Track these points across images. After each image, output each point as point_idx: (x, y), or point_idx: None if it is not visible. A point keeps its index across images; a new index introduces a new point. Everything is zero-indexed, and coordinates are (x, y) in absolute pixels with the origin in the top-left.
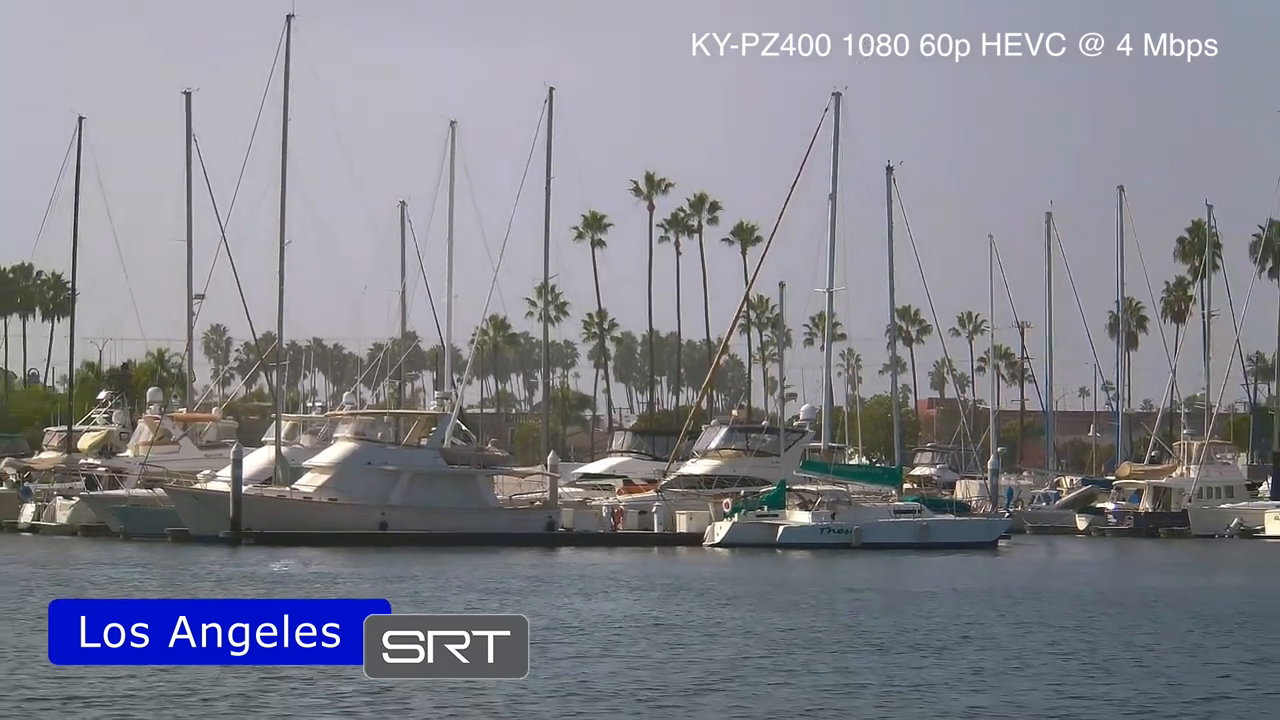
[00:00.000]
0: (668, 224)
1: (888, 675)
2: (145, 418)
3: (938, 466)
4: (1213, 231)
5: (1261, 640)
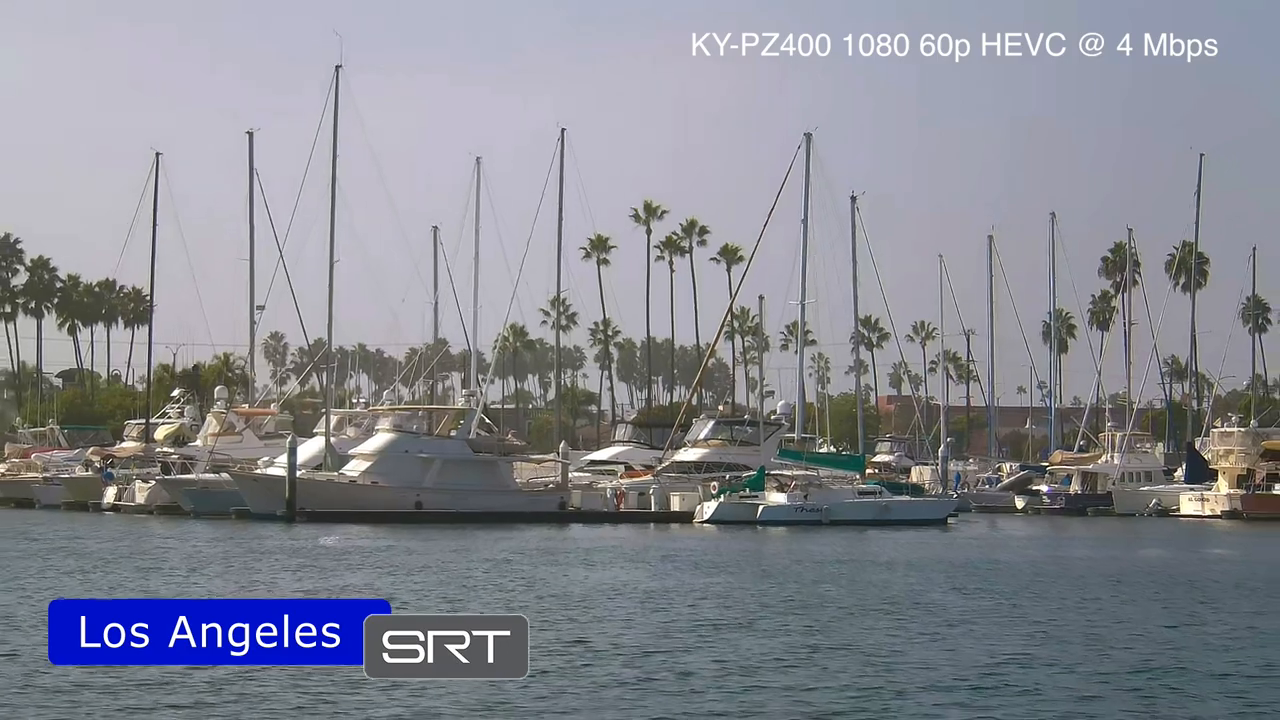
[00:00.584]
0: (663, 246)
1: (851, 634)
2: (213, 412)
3: (895, 454)
4: (1132, 251)
5: (1169, 602)
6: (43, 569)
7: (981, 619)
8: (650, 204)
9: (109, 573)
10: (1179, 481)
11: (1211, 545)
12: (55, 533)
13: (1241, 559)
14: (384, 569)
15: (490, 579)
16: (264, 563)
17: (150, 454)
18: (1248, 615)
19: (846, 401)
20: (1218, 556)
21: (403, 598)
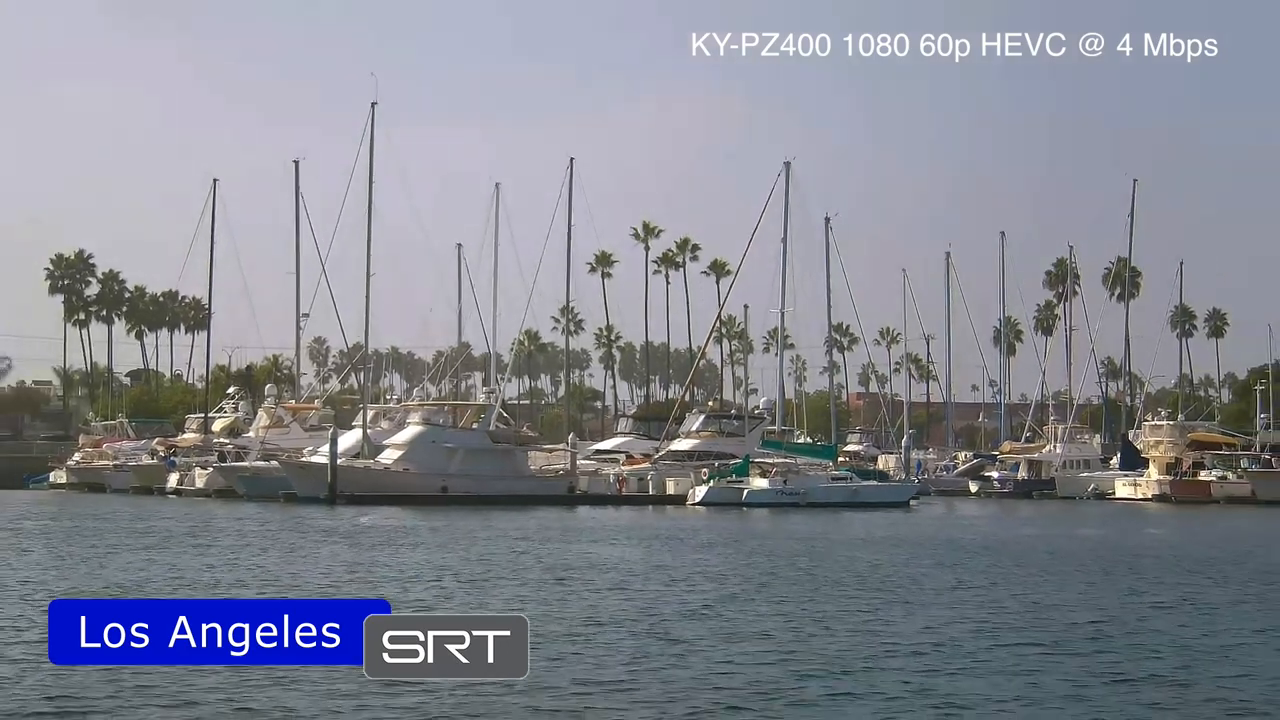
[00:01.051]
0: (659, 261)
1: (826, 604)
2: (264, 407)
3: (864, 445)
4: (1072, 266)
5: (1106, 573)
6: (119, 544)
7: (943, 590)
8: (648, 224)
9: (173, 549)
10: (1114, 469)
11: (1144, 525)
12: (126, 513)
13: (1171, 537)
14: (413, 545)
15: (507, 554)
16: (307, 539)
17: (208, 444)
18: (1178, 586)
19: (821, 398)
20: (1150, 535)
21: (429, 570)
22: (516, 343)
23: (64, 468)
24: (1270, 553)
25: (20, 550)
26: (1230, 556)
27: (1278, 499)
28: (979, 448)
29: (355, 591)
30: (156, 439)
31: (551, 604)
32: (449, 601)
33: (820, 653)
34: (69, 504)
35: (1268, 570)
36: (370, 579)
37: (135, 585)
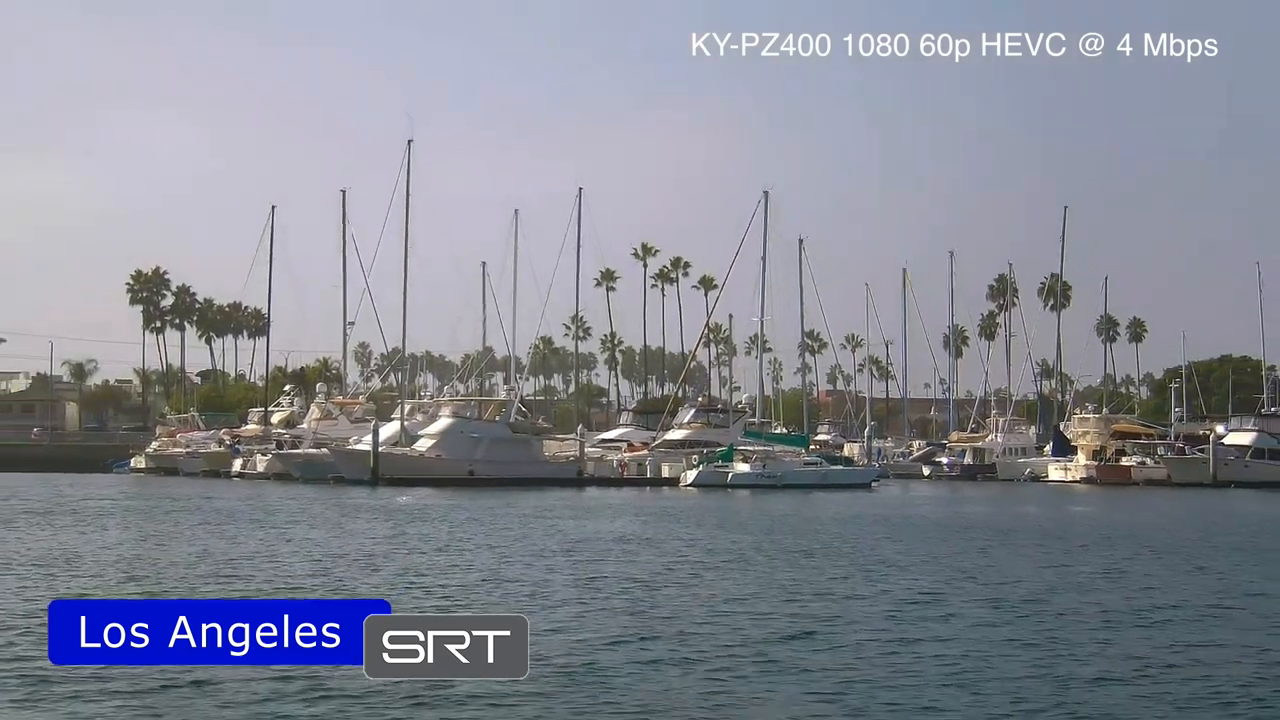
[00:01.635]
0: (656, 277)
1: (802, 573)
2: (315, 403)
3: (832, 434)
4: (1011, 281)
5: (1040, 545)
6: (194, 519)
7: (899, 557)
8: (647, 245)
9: (237, 523)
10: (1047, 455)
11: (1073, 504)
12: (196, 493)
13: (1097, 514)
14: (444, 521)
15: (523, 529)
16: (352, 517)
17: (268, 434)
18: (1101, 555)
19: (795, 394)
20: (1077, 512)
21: (457, 542)
22: (533, 347)
23: (143, 454)
24: (1182, 527)
25: (101, 528)
26: (1146, 531)
27: (1190, 481)
28: (931, 437)
29: (396, 556)
30: (223, 429)
31: (561, 570)
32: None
33: (795, 613)
34: (148, 485)
35: (1180, 543)
36: (408, 548)
37: (203, 553)
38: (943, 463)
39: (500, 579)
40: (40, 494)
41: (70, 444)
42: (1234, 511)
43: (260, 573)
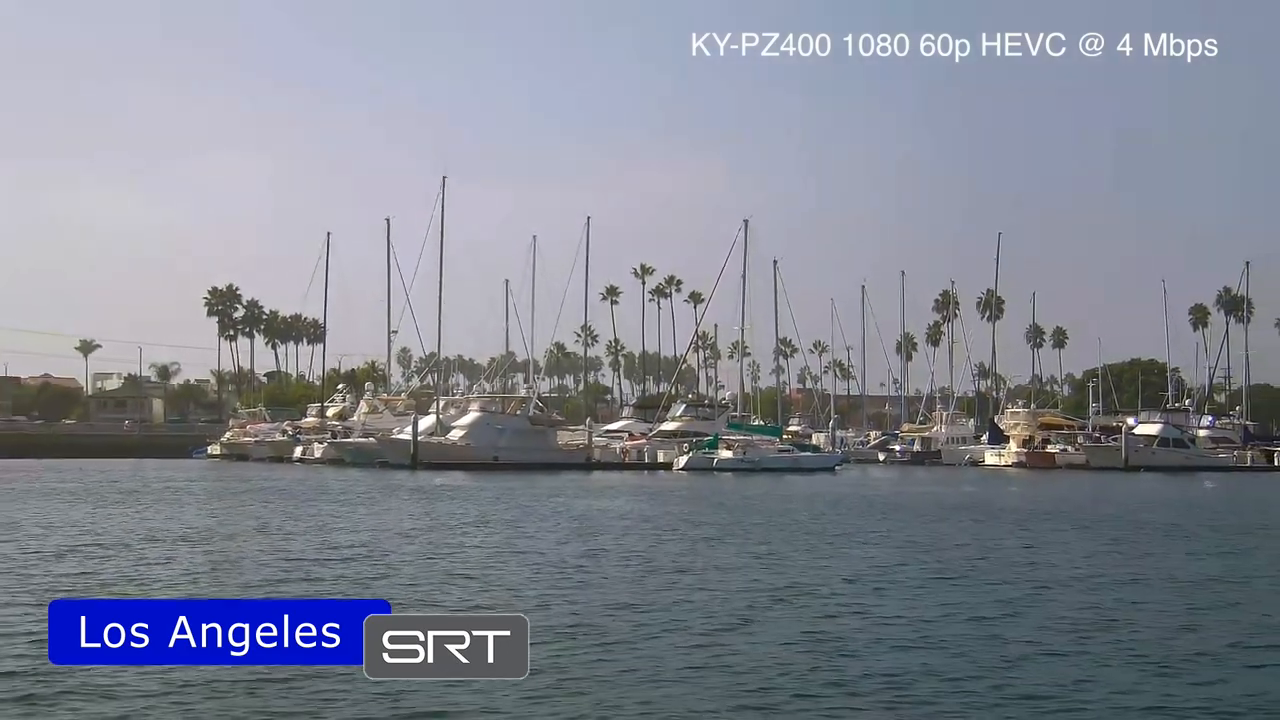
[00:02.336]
0: (653, 292)
1: (779, 546)
2: (364, 399)
3: (802, 426)
4: (954, 295)
5: (981, 519)
6: (263, 497)
7: (859, 531)
8: (645, 265)
9: (303, 500)
10: (984, 443)
11: (1006, 484)
12: (264, 475)
13: (1026, 493)
14: (473, 500)
15: (539, 505)
16: (395, 496)
17: (324, 425)
18: (1030, 527)
19: (770, 392)
20: (1010, 491)
21: (484, 512)
22: (548, 352)
23: (218, 443)
24: (1097, 505)
25: (180, 504)
26: (1069, 507)
27: (1105, 465)
28: (886, 428)
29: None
30: (285, 422)
31: (571, 541)
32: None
33: (771, 581)
34: (222, 469)
35: (1097, 518)
36: (447, 524)
37: (272, 527)
38: (895, 450)
39: (516, 548)
40: (131, 476)
41: (157, 434)
42: (1141, 491)
43: (312, 541)
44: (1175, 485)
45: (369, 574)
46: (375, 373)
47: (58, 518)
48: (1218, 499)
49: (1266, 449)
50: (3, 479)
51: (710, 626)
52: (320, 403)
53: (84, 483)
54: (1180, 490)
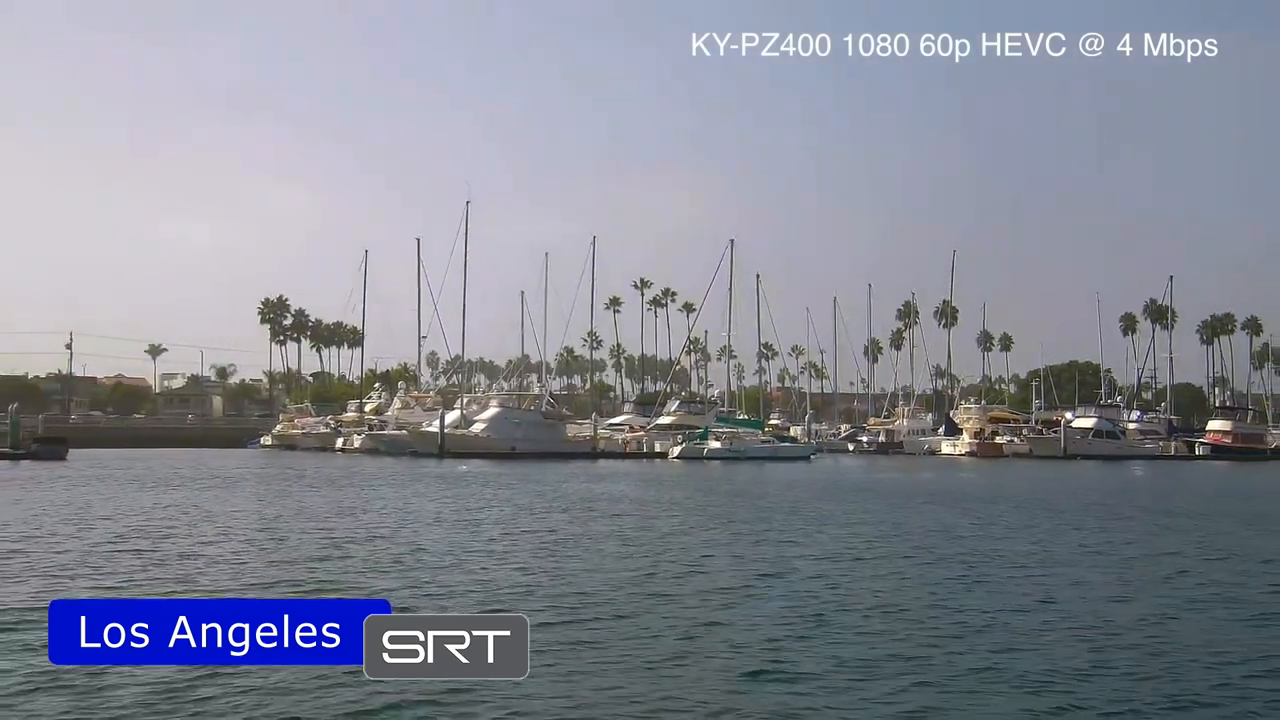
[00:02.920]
0: (650, 302)
1: (762, 524)
2: (397, 396)
3: (781, 420)
4: (914, 305)
5: (931, 502)
6: (308, 482)
7: (835, 513)
8: (643, 279)
9: (345, 485)
10: (941, 435)
11: (959, 471)
12: (311, 463)
13: (977, 479)
14: (494, 485)
15: (553, 487)
16: (416, 483)
17: (362, 419)
18: (980, 508)
19: (754, 390)
20: (963, 477)
21: (503, 495)
22: (558, 355)
23: (270, 435)
24: (1035, 488)
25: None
26: (1014, 491)
27: (1046, 454)
28: (855, 422)
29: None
30: (329, 416)
31: (579, 518)
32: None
33: (754, 556)
34: (274, 457)
35: (1037, 499)
36: (470, 505)
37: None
38: (863, 441)
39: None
40: (194, 464)
41: (216, 427)
42: (1078, 476)
43: (354, 518)
44: (1108, 472)
45: (405, 546)
46: (407, 373)
47: (164, 498)
48: (1145, 484)
49: (1187, 440)
50: (105, 466)
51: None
52: (359, 399)
53: (166, 470)
54: (1112, 476)
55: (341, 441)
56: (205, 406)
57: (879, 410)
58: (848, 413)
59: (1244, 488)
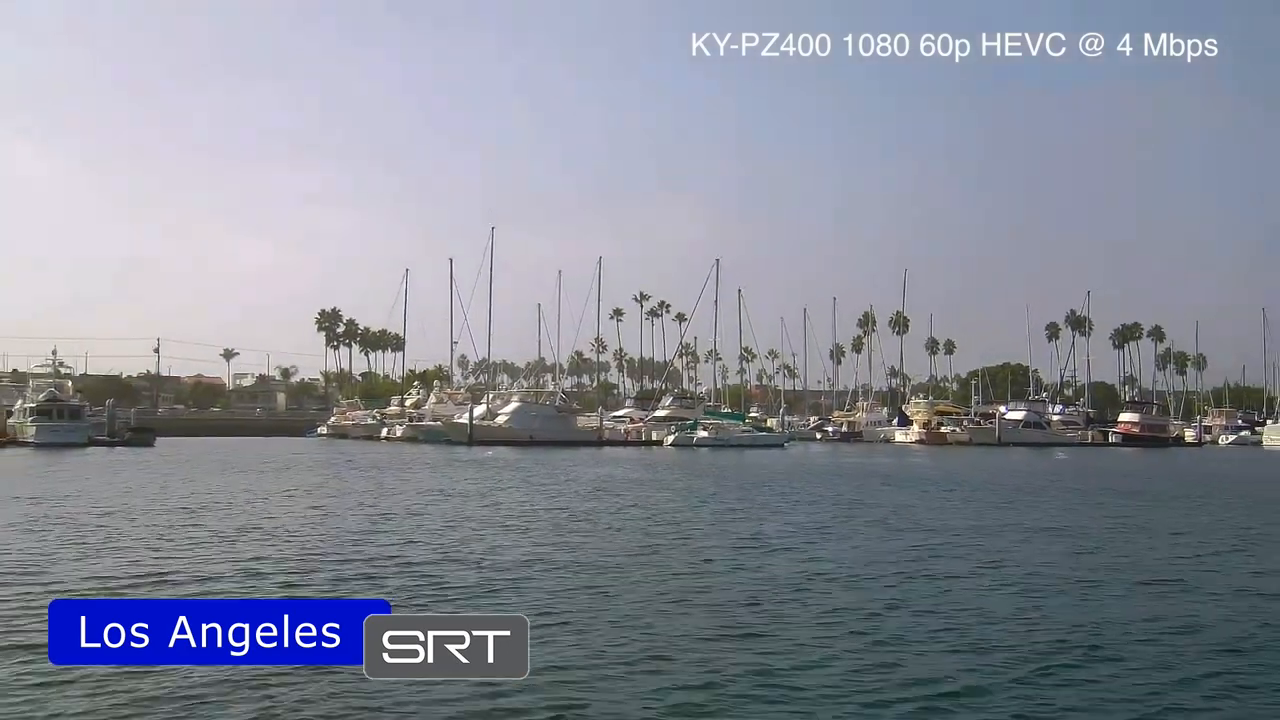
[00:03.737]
0: (648, 313)
1: (742, 502)
2: (433, 393)
3: (759, 413)
4: (872, 315)
5: (885, 481)
6: (359, 463)
7: (801, 490)
8: (643, 293)
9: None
10: (894, 426)
11: (910, 456)
12: (359, 449)
13: (925, 463)
14: (515, 468)
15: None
16: (450, 468)
17: (403, 413)
18: (928, 487)
19: (736, 388)
20: (914, 461)
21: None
22: (570, 358)
23: (325, 425)
24: (974, 470)
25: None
26: (957, 473)
27: (983, 441)
28: (822, 415)
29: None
30: (375, 410)
31: (585, 493)
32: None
33: (735, 530)
34: (329, 444)
35: (978, 480)
36: (495, 483)
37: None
38: (829, 430)
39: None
40: (261, 450)
41: (280, 419)
42: (1010, 460)
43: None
44: (1035, 456)
45: (442, 509)
46: (441, 373)
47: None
48: (1067, 467)
49: (1102, 430)
50: (199, 454)
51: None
52: (400, 396)
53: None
54: (1038, 460)
55: (385, 431)
56: (271, 402)
57: (842, 405)
58: (816, 407)
59: (1148, 470)
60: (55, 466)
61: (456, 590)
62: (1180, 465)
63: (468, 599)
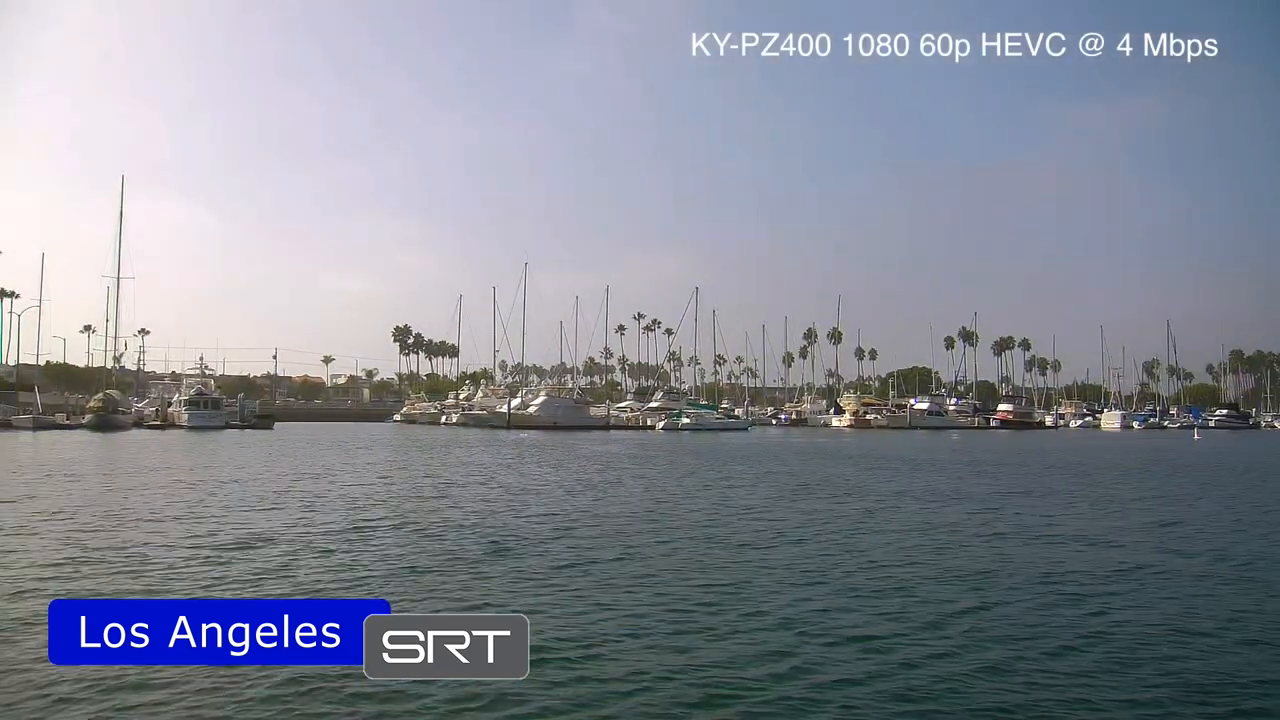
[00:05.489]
0: (645, 328)
1: (724, 479)
2: (480, 389)
3: (729, 405)
4: (814, 330)
5: (824, 458)
6: (420, 444)
7: (758, 469)
8: (640, 313)
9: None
10: (831, 415)
11: (843, 438)
12: (424, 433)
13: (854, 443)
14: (542, 447)
15: (578, 451)
16: (494, 445)
17: (458, 404)
18: (858, 464)
19: (711, 386)
20: (846, 441)
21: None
22: (585, 362)
23: (399, 414)
24: (891, 450)
25: (375, 447)
26: (876, 451)
27: (897, 426)
28: (777, 406)
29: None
30: (437, 402)
31: (591, 471)
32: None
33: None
34: (403, 429)
35: (891, 456)
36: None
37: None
38: (782, 418)
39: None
40: (352, 433)
41: (365, 409)
42: (917, 439)
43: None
44: (936, 437)
45: (479, 475)
46: (486, 374)
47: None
48: (960, 444)
49: (985, 417)
50: (305, 437)
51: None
52: (455, 391)
53: (335, 437)
54: (939, 440)
55: (444, 418)
56: (358, 396)
57: (791, 398)
58: (772, 400)
59: (1019, 447)
60: (201, 444)
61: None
62: (1041, 443)
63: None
